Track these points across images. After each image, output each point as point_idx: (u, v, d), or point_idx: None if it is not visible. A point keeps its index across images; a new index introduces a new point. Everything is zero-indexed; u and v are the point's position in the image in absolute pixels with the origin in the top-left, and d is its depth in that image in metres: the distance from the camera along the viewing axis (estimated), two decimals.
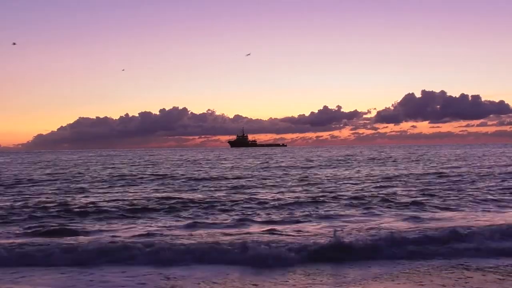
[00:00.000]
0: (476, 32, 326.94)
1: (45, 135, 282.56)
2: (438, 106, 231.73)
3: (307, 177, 27.75)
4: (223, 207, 15.22)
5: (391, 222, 12.18)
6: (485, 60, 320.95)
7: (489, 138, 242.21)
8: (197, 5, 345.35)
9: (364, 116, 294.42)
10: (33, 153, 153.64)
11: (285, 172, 32.25)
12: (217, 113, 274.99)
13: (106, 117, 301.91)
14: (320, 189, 20.49)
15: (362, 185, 22.00)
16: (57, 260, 8.45)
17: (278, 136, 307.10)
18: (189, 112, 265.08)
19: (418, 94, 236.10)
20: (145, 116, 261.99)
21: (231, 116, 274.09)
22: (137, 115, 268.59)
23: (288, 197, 17.59)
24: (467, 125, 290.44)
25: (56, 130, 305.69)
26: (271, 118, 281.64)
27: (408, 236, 9.75)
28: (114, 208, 15.11)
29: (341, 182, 23.73)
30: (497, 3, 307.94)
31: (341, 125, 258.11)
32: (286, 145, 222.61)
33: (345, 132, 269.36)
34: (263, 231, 11.07)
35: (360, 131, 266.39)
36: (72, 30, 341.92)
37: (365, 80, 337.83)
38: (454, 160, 46.55)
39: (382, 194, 18.05)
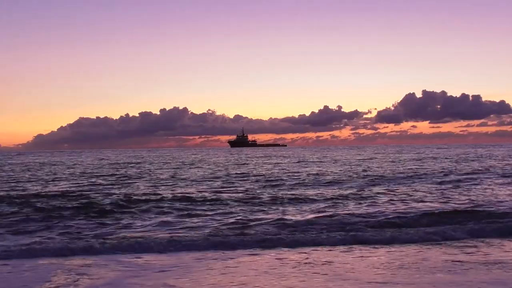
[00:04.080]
0: (476, 32, 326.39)
1: (45, 135, 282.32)
2: (439, 106, 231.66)
3: None
4: None
5: None
6: (486, 60, 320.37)
7: (490, 138, 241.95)
8: (197, 5, 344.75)
9: (365, 116, 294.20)
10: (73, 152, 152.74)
11: None
12: (217, 113, 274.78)
13: (106, 117, 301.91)
14: None
15: None
16: None
17: (278, 136, 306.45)
18: (189, 112, 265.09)
19: (418, 94, 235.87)
20: (145, 116, 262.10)
21: (231, 116, 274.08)
22: (137, 115, 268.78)
23: None
24: (468, 125, 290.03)
25: (56, 130, 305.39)
26: (271, 118, 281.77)
27: None
28: None
29: None
30: (498, 3, 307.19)
31: (342, 125, 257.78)
32: (286, 145, 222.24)
33: (345, 132, 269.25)
34: None
35: (360, 131, 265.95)
36: (72, 30, 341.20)
37: (366, 80, 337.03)
38: None
39: None
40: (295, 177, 28.01)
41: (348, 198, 17.50)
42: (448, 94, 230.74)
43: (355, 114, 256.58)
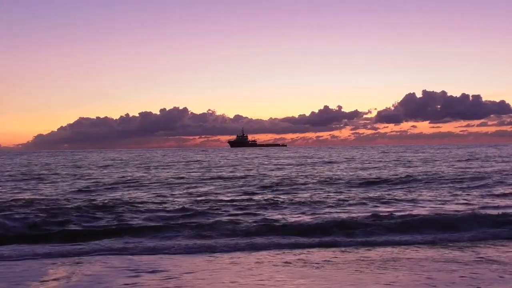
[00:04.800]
0: (476, 32, 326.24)
1: (45, 135, 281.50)
2: (439, 106, 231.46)
3: None
4: None
5: None
6: (486, 60, 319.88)
7: (490, 138, 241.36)
8: (197, 5, 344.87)
9: (365, 116, 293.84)
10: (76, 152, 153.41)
11: None
12: (217, 113, 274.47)
13: (106, 117, 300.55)
14: None
15: None
16: None
17: (278, 136, 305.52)
18: (190, 112, 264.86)
19: (418, 94, 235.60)
20: (145, 116, 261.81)
21: (231, 116, 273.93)
22: (137, 115, 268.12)
23: None
24: (468, 125, 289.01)
25: (56, 130, 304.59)
26: (271, 118, 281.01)
27: None
28: None
29: None
30: (498, 3, 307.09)
31: (342, 125, 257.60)
32: (286, 145, 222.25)
33: (345, 132, 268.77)
34: None
35: (360, 131, 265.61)
36: (72, 30, 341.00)
37: (366, 80, 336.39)
38: None
39: None
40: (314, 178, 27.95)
41: (354, 199, 17.47)
42: (448, 94, 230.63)
43: (355, 114, 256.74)
